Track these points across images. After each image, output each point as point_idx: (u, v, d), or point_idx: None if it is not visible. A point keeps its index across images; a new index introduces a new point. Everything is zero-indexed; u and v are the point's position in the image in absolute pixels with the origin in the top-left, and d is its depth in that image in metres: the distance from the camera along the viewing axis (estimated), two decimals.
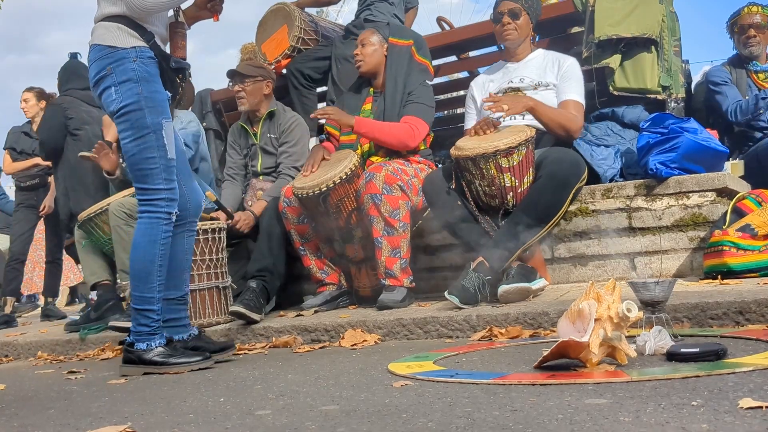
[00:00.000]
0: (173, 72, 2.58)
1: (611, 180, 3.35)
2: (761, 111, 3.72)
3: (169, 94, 2.61)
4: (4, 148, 5.98)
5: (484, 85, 3.49)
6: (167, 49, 2.62)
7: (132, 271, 2.53)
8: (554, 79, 3.29)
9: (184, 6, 2.67)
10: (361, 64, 3.64)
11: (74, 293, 9.40)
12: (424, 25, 8.07)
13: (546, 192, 2.93)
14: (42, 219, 5.71)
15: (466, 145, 2.98)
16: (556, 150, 3.07)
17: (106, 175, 4.06)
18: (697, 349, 1.71)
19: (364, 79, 3.72)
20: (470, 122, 3.50)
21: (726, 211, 2.95)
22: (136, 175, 2.52)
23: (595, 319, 1.67)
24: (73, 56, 4.97)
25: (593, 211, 3.20)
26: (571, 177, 2.99)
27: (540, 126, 3.18)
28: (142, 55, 2.48)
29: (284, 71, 4.55)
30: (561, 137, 3.20)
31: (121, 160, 4.00)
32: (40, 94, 5.65)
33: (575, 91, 3.26)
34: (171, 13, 2.66)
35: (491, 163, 2.91)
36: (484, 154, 2.90)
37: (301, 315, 3.26)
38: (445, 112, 5.56)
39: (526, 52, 3.43)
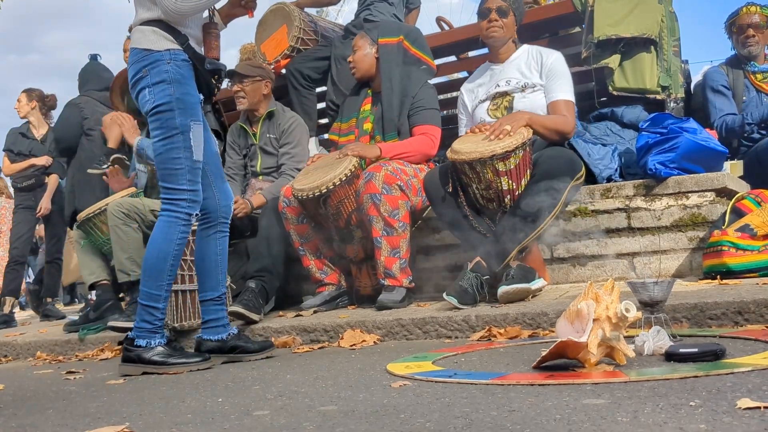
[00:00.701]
0: (209, 73, 2.61)
1: (608, 180, 3.35)
2: (746, 133, 3.72)
3: (202, 97, 2.64)
4: (3, 150, 5.99)
5: (473, 91, 3.45)
6: (203, 51, 2.65)
7: (144, 267, 2.56)
8: (539, 78, 3.23)
9: (218, 5, 2.69)
10: (354, 71, 3.68)
11: (73, 293, 9.40)
12: (424, 25, 8.07)
13: (541, 190, 2.90)
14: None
15: (462, 149, 2.94)
16: (551, 149, 3.05)
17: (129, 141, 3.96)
18: (696, 350, 1.70)
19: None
20: (463, 129, 3.47)
21: (725, 211, 2.95)
22: (162, 174, 2.57)
23: (594, 320, 1.67)
24: (93, 58, 5.02)
25: (592, 211, 3.20)
26: (566, 174, 2.96)
27: None
28: (176, 58, 2.52)
29: (283, 71, 4.55)
30: (557, 141, 3.18)
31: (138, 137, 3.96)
32: (37, 96, 5.66)
33: (563, 89, 3.19)
34: (206, 13, 2.68)
35: (488, 167, 2.88)
36: (481, 159, 2.86)
37: (300, 315, 3.26)
38: (445, 111, 5.55)
39: (510, 52, 3.37)
